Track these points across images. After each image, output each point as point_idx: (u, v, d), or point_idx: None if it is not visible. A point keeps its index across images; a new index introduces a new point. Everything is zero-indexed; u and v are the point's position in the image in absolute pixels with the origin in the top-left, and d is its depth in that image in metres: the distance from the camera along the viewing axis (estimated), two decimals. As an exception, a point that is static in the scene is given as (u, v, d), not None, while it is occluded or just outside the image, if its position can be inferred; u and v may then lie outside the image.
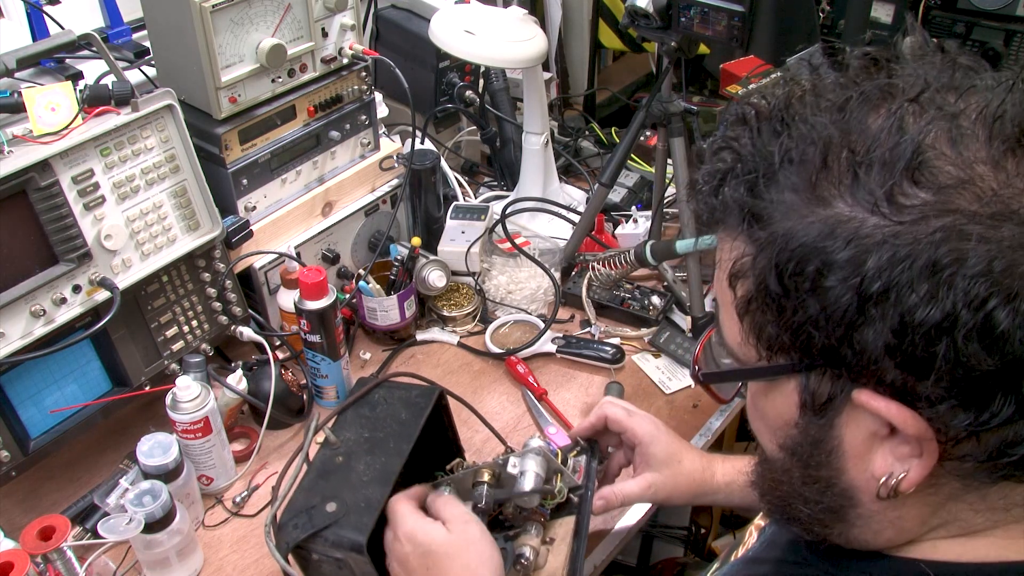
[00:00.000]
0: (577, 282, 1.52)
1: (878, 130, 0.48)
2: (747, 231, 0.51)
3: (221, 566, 1.10)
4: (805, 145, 0.49)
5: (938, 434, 0.49)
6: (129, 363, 1.19)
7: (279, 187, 1.35)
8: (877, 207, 0.46)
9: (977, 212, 0.45)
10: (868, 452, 0.53)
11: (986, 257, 0.44)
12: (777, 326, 0.51)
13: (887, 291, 0.46)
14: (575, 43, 2.07)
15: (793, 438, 0.57)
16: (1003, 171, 0.46)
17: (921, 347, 0.46)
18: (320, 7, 1.28)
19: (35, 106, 1.03)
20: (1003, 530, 0.54)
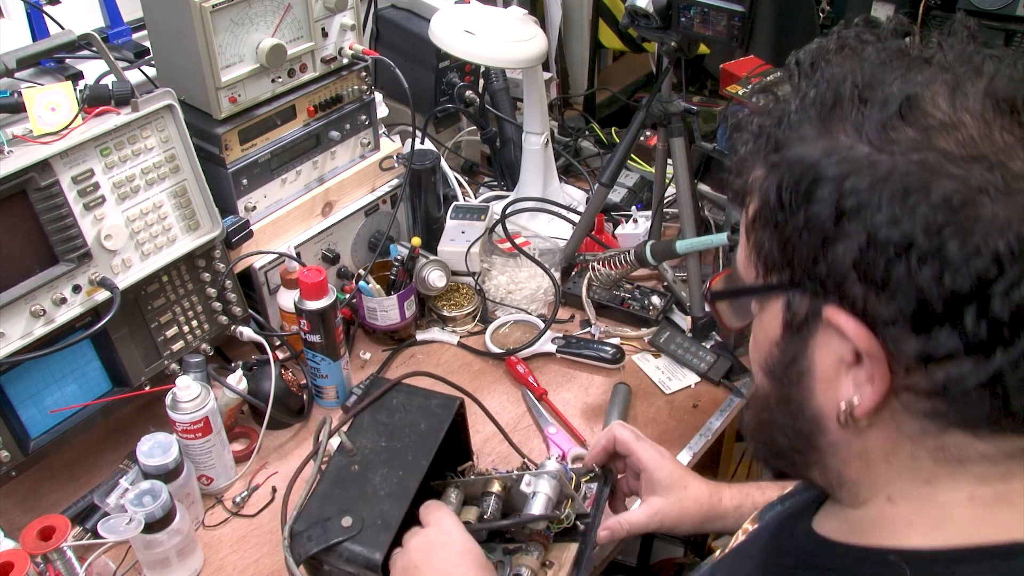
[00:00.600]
0: (577, 282, 1.52)
1: (887, 79, 0.54)
2: (765, 156, 0.58)
3: (221, 566, 1.10)
4: (825, 87, 0.56)
5: (890, 359, 0.53)
6: (129, 363, 1.19)
7: (279, 187, 1.35)
8: (869, 138, 0.53)
9: (953, 152, 0.50)
10: (835, 378, 0.58)
11: (949, 191, 0.49)
12: (772, 241, 0.57)
13: (859, 209, 0.51)
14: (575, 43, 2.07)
15: (774, 358, 0.62)
16: (987, 126, 0.51)
17: (881, 264, 0.51)
18: (320, 7, 1.28)
19: (35, 106, 1.03)
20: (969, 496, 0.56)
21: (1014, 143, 0.50)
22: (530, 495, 0.94)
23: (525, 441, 1.25)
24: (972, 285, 0.49)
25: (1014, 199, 0.49)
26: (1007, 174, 0.49)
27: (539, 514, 0.92)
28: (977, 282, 0.49)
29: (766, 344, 0.62)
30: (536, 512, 0.92)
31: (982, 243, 0.49)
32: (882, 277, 0.51)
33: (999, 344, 0.51)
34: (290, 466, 1.23)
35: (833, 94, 0.55)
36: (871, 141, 0.52)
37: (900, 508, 0.59)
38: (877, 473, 0.60)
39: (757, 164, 0.59)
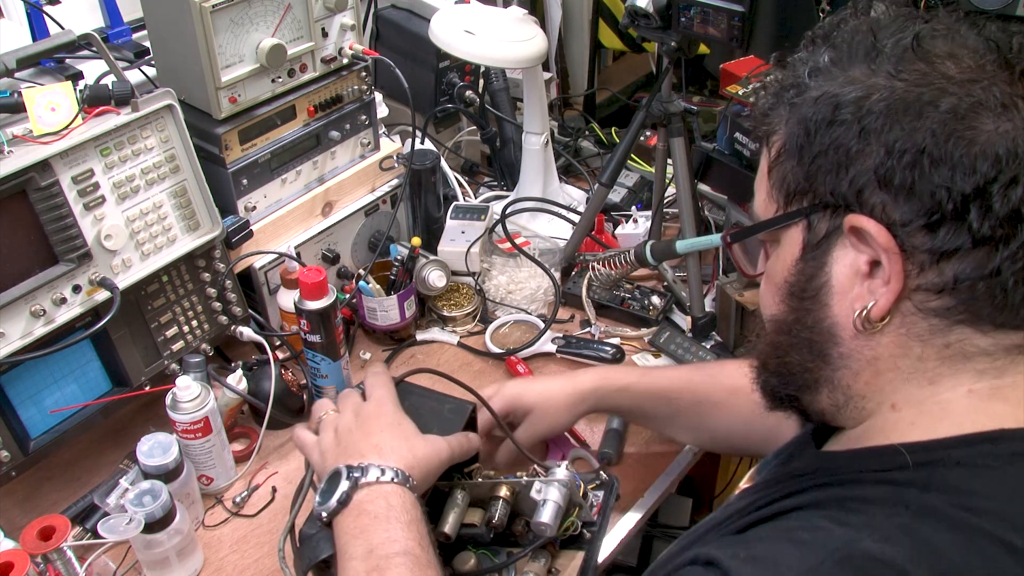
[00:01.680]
0: (577, 282, 1.52)
1: (896, 28, 0.63)
2: (788, 100, 0.66)
3: (221, 566, 1.10)
4: (842, 42, 0.65)
5: (905, 258, 0.61)
6: (129, 363, 1.19)
7: (279, 187, 1.35)
8: (885, 71, 0.61)
9: (955, 76, 0.60)
10: (850, 288, 0.64)
11: (954, 105, 0.58)
12: (796, 169, 0.65)
13: (879, 125, 0.60)
14: (575, 43, 2.07)
15: (793, 277, 0.68)
16: (980, 59, 0.61)
17: (898, 171, 0.59)
18: (320, 7, 1.28)
19: (35, 106, 1.03)
20: (968, 392, 0.63)
21: (1002, 73, 0.60)
22: (540, 503, 0.94)
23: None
24: (976, 184, 0.57)
25: (1007, 112, 0.58)
26: (1001, 91, 0.59)
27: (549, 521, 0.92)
28: (981, 181, 0.57)
29: (785, 269, 0.69)
30: (545, 520, 0.92)
31: (985, 147, 0.57)
32: (900, 182, 0.59)
33: (999, 240, 0.58)
34: (290, 466, 1.23)
35: (849, 45, 0.64)
36: (886, 72, 0.61)
37: (903, 413, 0.65)
38: (885, 380, 0.66)
39: (780, 110, 0.67)
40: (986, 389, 0.63)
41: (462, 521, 0.95)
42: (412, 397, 1.00)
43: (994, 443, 0.60)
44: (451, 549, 0.97)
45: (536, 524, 0.93)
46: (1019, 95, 0.59)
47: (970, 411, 0.62)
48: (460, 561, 0.97)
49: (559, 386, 1.11)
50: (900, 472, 0.61)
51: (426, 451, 0.90)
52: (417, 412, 0.97)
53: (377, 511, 0.82)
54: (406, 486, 0.86)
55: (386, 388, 0.98)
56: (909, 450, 0.62)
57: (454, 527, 0.93)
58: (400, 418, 0.94)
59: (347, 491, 0.84)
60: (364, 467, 0.85)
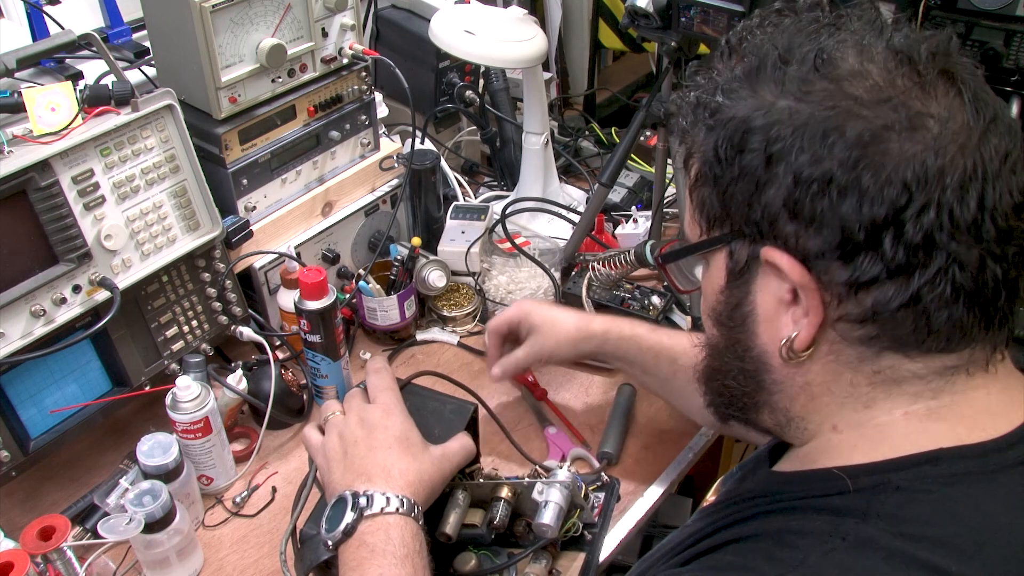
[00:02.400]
0: (577, 282, 1.52)
1: (803, 42, 0.61)
2: (703, 122, 0.64)
3: (221, 566, 1.10)
4: (752, 56, 0.62)
5: (823, 290, 0.59)
6: (129, 363, 1.19)
7: (279, 187, 1.35)
8: (791, 92, 0.59)
9: (862, 97, 0.57)
10: (776, 317, 0.63)
11: (861, 129, 0.56)
12: (712, 196, 0.64)
13: (785, 153, 0.58)
14: (575, 43, 2.07)
15: (720, 305, 0.68)
16: (890, 74, 0.58)
17: (807, 201, 0.57)
18: (320, 7, 1.28)
19: (35, 106, 1.03)
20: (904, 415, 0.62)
21: (913, 87, 0.57)
22: (542, 504, 0.94)
23: (525, 441, 1.25)
24: (887, 212, 0.56)
25: (917, 134, 0.56)
26: (910, 113, 0.56)
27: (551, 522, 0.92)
28: (891, 209, 0.56)
29: (712, 294, 0.68)
30: (547, 521, 0.92)
31: (892, 173, 0.55)
32: (809, 213, 0.58)
33: (916, 267, 0.57)
34: (290, 466, 1.23)
35: (758, 60, 0.62)
36: (792, 94, 0.59)
37: (845, 435, 0.65)
38: (821, 404, 0.65)
39: (697, 131, 0.65)
40: (922, 410, 0.62)
41: (463, 522, 0.95)
42: (414, 398, 1.00)
43: (934, 464, 0.59)
44: (452, 549, 0.96)
45: (538, 525, 0.93)
46: (929, 113, 0.57)
47: (909, 433, 0.62)
48: (461, 562, 0.97)
49: (571, 317, 1.14)
50: (840, 498, 0.60)
51: (432, 471, 0.91)
52: (419, 413, 0.97)
53: (375, 544, 0.83)
54: (411, 515, 0.86)
55: (391, 391, 0.98)
56: (850, 474, 0.61)
57: (455, 528, 0.93)
58: (408, 429, 0.93)
59: (352, 523, 0.84)
60: (370, 496, 0.85)
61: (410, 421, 0.95)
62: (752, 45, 0.63)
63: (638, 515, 1.16)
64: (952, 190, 0.55)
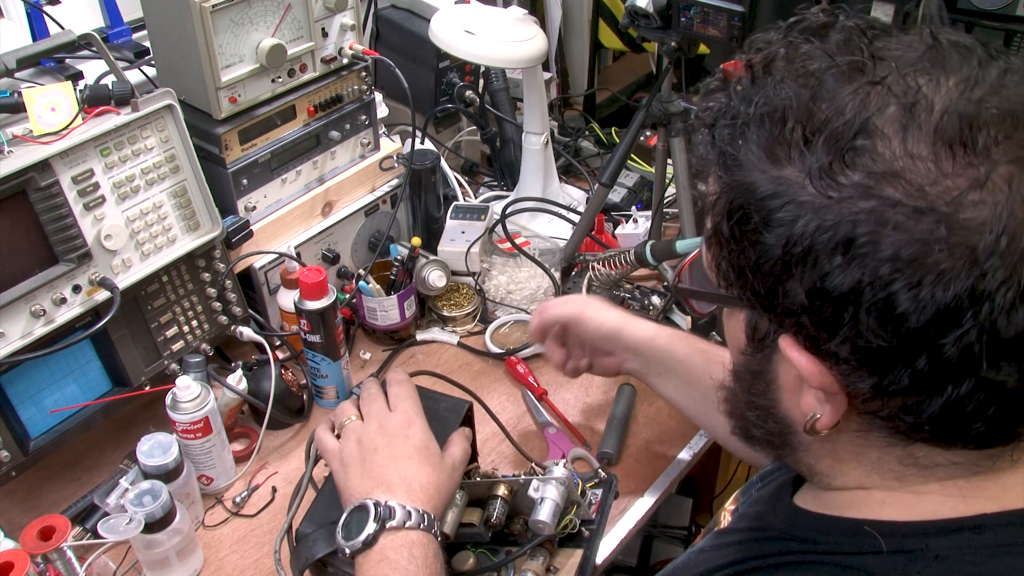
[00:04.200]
0: (577, 282, 1.52)
1: (835, 106, 0.51)
2: (719, 172, 0.57)
3: (221, 566, 1.10)
4: (771, 107, 0.54)
5: (847, 390, 0.54)
6: (129, 363, 1.19)
7: (279, 187, 1.35)
8: (816, 179, 0.51)
9: (901, 202, 0.48)
10: (797, 391, 0.58)
11: (898, 244, 0.48)
12: (727, 262, 0.57)
13: (808, 254, 0.51)
14: (575, 43, 2.07)
15: (741, 364, 0.63)
16: (938, 168, 0.48)
17: (830, 311, 0.51)
18: (320, 7, 1.28)
19: (35, 106, 1.03)
20: (940, 485, 0.57)
21: (966, 187, 0.48)
22: (538, 501, 0.94)
23: (525, 441, 1.25)
24: (924, 334, 0.49)
25: (957, 251, 0.48)
26: (955, 224, 0.48)
27: (547, 519, 0.92)
28: (928, 331, 0.49)
29: (734, 347, 0.63)
30: (543, 518, 0.92)
31: (932, 294, 0.48)
32: (834, 321, 0.51)
33: (949, 382, 0.51)
34: (290, 466, 1.23)
35: (780, 116, 0.53)
36: (818, 182, 0.50)
37: (874, 493, 0.60)
38: (849, 467, 0.61)
39: (712, 176, 0.58)
40: (961, 482, 0.57)
41: (460, 521, 0.95)
42: None
43: (977, 532, 0.54)
44: (450, 549, 0.97)
45: (534, 522, 0.93)
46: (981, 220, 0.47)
47: (946, 498, 0.57)
48: (459, 560, 0.97)
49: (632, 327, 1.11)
50: (873, 559, 0.56)
51: (449, 484, 0.90)
52: None
53: (398, 561, 0.81)
54: (431, 532, 0.85)
55: (413, 400, 0.96)
56: (883, 532, 0.56)
57: (452, 527, 0.93)
58: (428, 440, 0.92)
59: (373, 533, 0.82)
60: (392, 508, 0.84)
61: (430, 433, 0.93)
62: (774, 90, 0.54)
63: (638, 515, 1.16)
64: (1000, 310, 0.48)
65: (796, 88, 0.53)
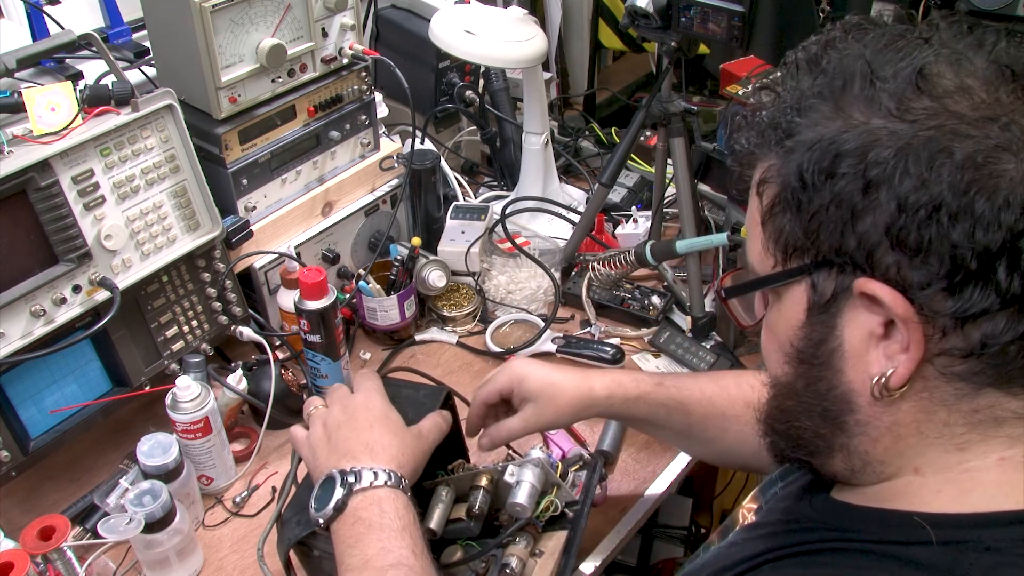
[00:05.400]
0: (577, 282, 1.52)
1: (893, 57, 0.56)
2: (777, 145, 0.59)
3: (221, 566, 1.10)
4: (834, 75, 0.58)
5: (925, 324, 0.55)
6: (129, 363, 1.19)
7: (279, 187, 1.35)
8: (888, 110, 0.54)
9: (968, 115, 0.53)
10: (865, 352, 0.58)
11: (972, 150, 0.51)
12: (794, 223, 0.58)
13: (886, 178, 0.53)
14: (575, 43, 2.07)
15: (800, 341, 0.62)
16: (994, 89, 0.54)
17: (913, 229, 0.53)
18: (320, 7, 1.28)
19: (35, 106, 1.03)
20: (999, 460, 0.57)
21: (1020, 103, 0.53)
22: (514, 484, 0.94)
23: (525, 441, 1.25)
24: (1003, 238, 0.51)
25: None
26: (1021, 130, 0.52)
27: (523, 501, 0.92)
28: (1008, 235, 0.51)
29: (788, 331, 0.63)
30: (520, 500, 0.93)
31: (1009, 197, 0.51)
32: (915, 241, 0.53)
33: None
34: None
35: (843, 77, 0.57)
36: (889, 113, 0.54)
37: (928, 479, 0.60)
38: (907, 446, 0.60)
39: (767, 155, 0.60)
40: (1019, 456, 0.57)
41: (448, 517, 0.96)
42: (389, 388, 1.02)
43: None
44: (439, 545, 0.97)
45: (511, 505, 0.93)
46: None
47: (1002, 483, 0.57)
48: (447, 555, 0.97)
49: (570, 383, 1.02)
50: (922, 550, 0.55)
51: (413, 445, 0.92)
52: (394, 400, 0.99)
53: (371, 518, 0.83)
54: (399, 488, 0.87)
55: (373, 380, 1.00)
56: (933, 523, 0.56)
57: (440, 523, 0.94)
58: (388, 410, 0.95)
59: (342, 498, 0.85)
60: (357, 472, 0.86)
61: (391, 406, 0.96)
62: (833, 60, 0.59)
63: (638, 515, 1.16)
64: None
65: (856, 51, 0.58)
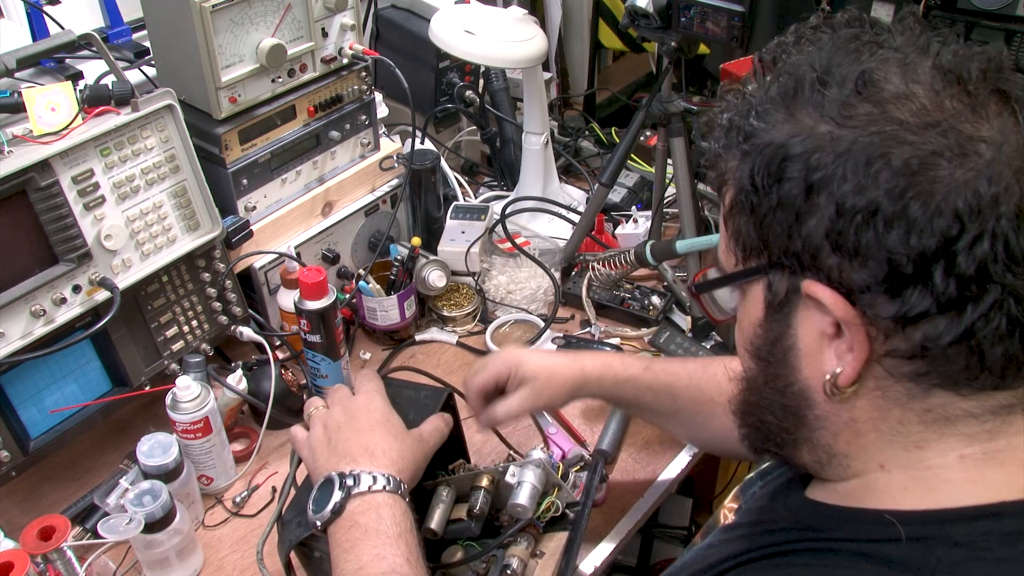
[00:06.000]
0: (577, 282, 1.52)
1: (842, 61, 0.58)
2: (737, 147, 0.61)
3: (221, 566, 1.10)
4: (787, 77, 0.59)
5: (868, 325, 0.56)
6: (129, 363, 1.19)
7: (279, 187, 1.35)
8: (831, 116, 0.56)
9: (908, 121, 0.54)
10: (819, 352, 0.60)
11: (908, 156, 0.53)
12: (748, 224, 0.60)
13: (826, 181, 0.55)
14: (575, 43, 2.07)
15: (759, 338, 0.64)
16: (937, 95, 0.55)
17: (851, 232, 0.54)
18: (320, 7, 1.28)
19: (35, 106, 1.03)
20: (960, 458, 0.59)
21: (963, 109, 0.54)
22: (515, 485, 0.94)
23: (525, 441, 1.25)
24: (937, 243, 0.52)
25: (968, 160, 0.53)
26: (960, 137, 0.53)
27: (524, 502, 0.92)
28: (942, 240, 0.52)
29: (750, 327, 0.65)
30: (521, 501, 0.93)
31: (943, 203, 0.52)
32: (853, 245, 0.54)
33: (968, 300, 0.54)
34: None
35: (795, 81, 0.58)
36: (832, 119, 0.56)
37: (894, 475, 0.61)
38: (868, 441, 0.62)
39: (730, 156, 0.62)
40: (979, 454, 0.59)
41: (448, 517, 0.96)
42: (390, 388, 1.02)
43: (995, 519, 0.56)
44: (440, 545, 0.97)
45: (512, 506, 0.93)
46: (980, 137, 0.53)
47: (965, 480, 0.58)
48: (448, 555, 0.97)
49: (563, 364, 1.05)
50: (892, 547, 0.56)
51: (414, 449, 0.92)
52: (395, 401, 0.99)
53: (368, 524, 0.83)
54: (397, 493, 0.87)
55: (374, 382, 1.00)
56: (902, 521, 0.57)
57: (440, 523, 0.94)
58: (388, 413, 0.95)
59: (340, 501, 0.85)
60: (356, 475, 0.86)
61: (392, 409, 0.96)
62: (788, 64, 0.60)
63: (638, 515, 1.16)
64: (1007, 219, 0.52)
65: (808, 56, 0.59)
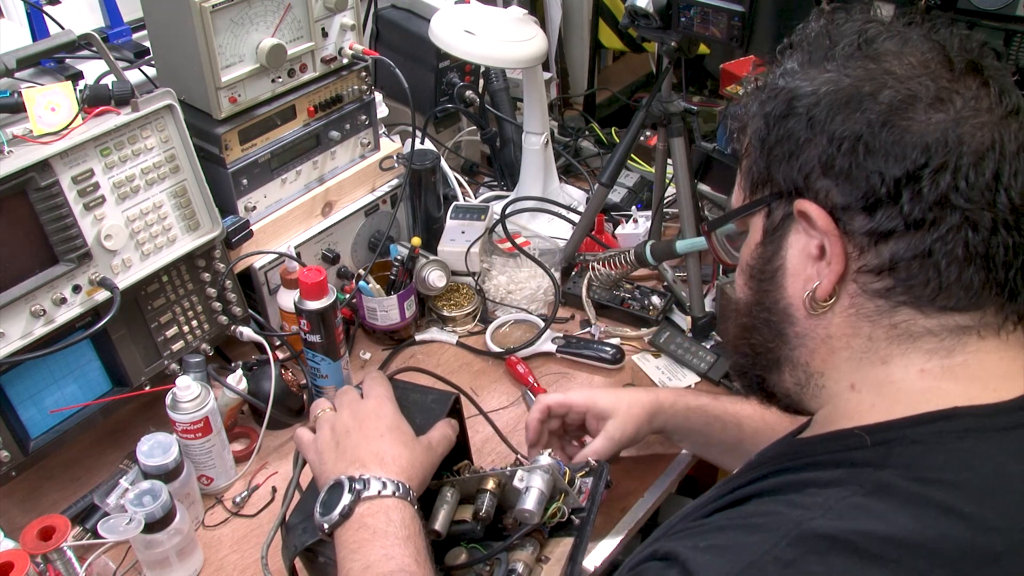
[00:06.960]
0: (577, 282, 1.52)
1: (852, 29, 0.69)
2: (757, 96, 0.71)
3: (221, 566, 1.10)
4: (806, 47, 0.70)
5: (846, 241, 0.65)
6: (129, 363, 1.19)
7: (279, 187, 1.35)
8: (835, 67, 0.67)
9: (898, 72, 0.64)
10: (802, 270, 0.69)
11: (892, 96, 0.63)
12: (758, 160, 0.70)
13: (824, 115, 0.65)
14: (575, 43, 2.07)
15: (755, 259, 0.73)
16: (924, 57, 0.65)
17: (839, 157, 0.64)
18: (320, 7, 1.28)
19: (35, 106, 1.03)
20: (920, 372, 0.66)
21: (944, 71, 0.64)
22: (523, 490, 0.94)
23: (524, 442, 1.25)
24: (908, 170, 0.62)
25: (942, 105, 0.62)
26: (938, 89, 0.63)
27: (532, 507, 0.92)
28: (912, 167, 0.62)
29: (748, 252, 0.74)
30: (528, 506, 0.92)
31: (916, 137, 0.62)
32: (839, 168, 0.64)
33: (931, 223, 0.62)
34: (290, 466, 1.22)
35: (811, 47, 0.70)
36: (836, 68, 0.67)
37: (863, 395, 0.69)
38: (840, 359, 0.70)
39: (753, 104, 0.71)
40: (937, 369, 0.66)
41: (453, 518, 0.95)
42: (396, 391, 1.02)
43: (948, 420, 0.63)
44: (444, 546, 0.97)
45: (519, 511, 0.93)
46: (957, 90, 0.63)
47: (924, 391, 0.66)
48: (452, 557, 0.97)
49: (634, 396, 1.13)
50: (859, 452, 0.64)
51: (423, 457, 0.92)
52: (401, 404, 0.99)
53: (377, 525, 0.84)
54: (407, 499, 0.87)
55: (384, 387, 1.00)
56: (868, 431, 0.65)
57: (444, 524, 0.94)
58: (398, 420, 0.95)
59: (349, 504, 0.85)
60: (366, 480, 0.87)
61: (401, 415, 0.96)
62: (807, 38, 0.70)
63: (638, 515, 1.16)
64: (968, 156, 0.61)
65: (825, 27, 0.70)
